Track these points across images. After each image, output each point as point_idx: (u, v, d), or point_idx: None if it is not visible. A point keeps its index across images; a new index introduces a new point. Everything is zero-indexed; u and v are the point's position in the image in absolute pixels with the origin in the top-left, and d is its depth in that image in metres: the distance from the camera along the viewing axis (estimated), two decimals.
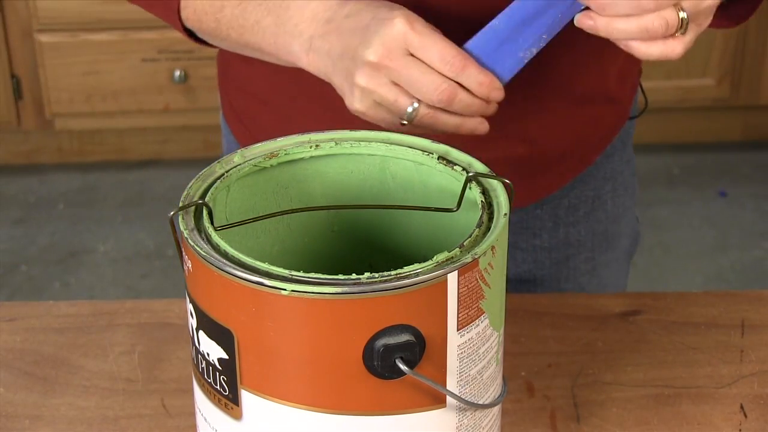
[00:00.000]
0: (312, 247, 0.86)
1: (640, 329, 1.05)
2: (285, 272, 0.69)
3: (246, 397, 0.73)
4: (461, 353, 0.73)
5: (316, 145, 0.82)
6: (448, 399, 0.73)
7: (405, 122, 0.88)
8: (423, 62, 0.86)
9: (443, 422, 0.74)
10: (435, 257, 0.70)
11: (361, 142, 0.83)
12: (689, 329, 1.05)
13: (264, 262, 0.70)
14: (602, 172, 1.16)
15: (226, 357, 0.72)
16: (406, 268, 0.69)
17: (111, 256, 2.65)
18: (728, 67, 2.85)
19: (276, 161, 0.81)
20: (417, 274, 0.69)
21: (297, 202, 0.84)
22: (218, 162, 0.80)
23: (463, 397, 0.74)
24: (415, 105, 0.87)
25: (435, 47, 0.85)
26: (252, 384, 0.72)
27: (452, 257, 0.71)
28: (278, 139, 0.83)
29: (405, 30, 0.86)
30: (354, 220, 0.86)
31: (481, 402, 0.76)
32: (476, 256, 0.71)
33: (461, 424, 0.75)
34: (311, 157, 0.82)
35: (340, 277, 0.68)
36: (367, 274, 0.68)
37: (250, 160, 0.81)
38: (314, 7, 0.91)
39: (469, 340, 0.73)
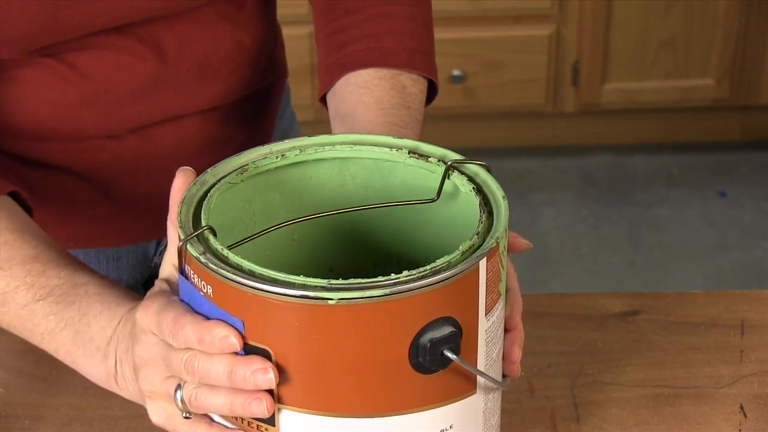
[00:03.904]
0: (276, 260, 0.83)
1: (640, 329, 1.05)
2: (324, 282, 0.67)
3: (285, 416, 0.72)
4: (487, 337, 0.74)
5: (282, 155, 0.81)
6: (478, 383, 0.74)
7: (186, 415, 0.76)
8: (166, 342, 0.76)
9: (475, 407, 0.75)
10: (460, 246, 0.70)
11: (325, 147, 0.81)
12: (689, 329, 1.05)
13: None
14: None
15: None
16: (438, 261, 0.69)
17: None
18: (728, 67, 2.85)
19: (246, 176, 0.79)
20: (453, 266, 0.69)
21: (260, 215, 0.82)
22: (194, 184, 0.78)
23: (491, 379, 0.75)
24: (180, 390, 0.75)
25: (161, 320, 0.75)
26: (292, 401, 0.71)
27: (473, 245, 0.71)
28: (243, 153, 0.80)
29: (144, 318, 0.76)
30: (316, 226, 0.84)
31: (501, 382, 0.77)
32: (499, 240, 0.72)
33: (486, 408, 0.76)
34: (276, 167, 0.81)
35: (380, 279, 0.68)
36: (405, 273, 0.68)
37: (224, 177, 0.79)
38: (114, 328, 0.82)
39: (492, 323, 0.74)
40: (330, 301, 0.67)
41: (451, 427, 0.73)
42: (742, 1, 2.77)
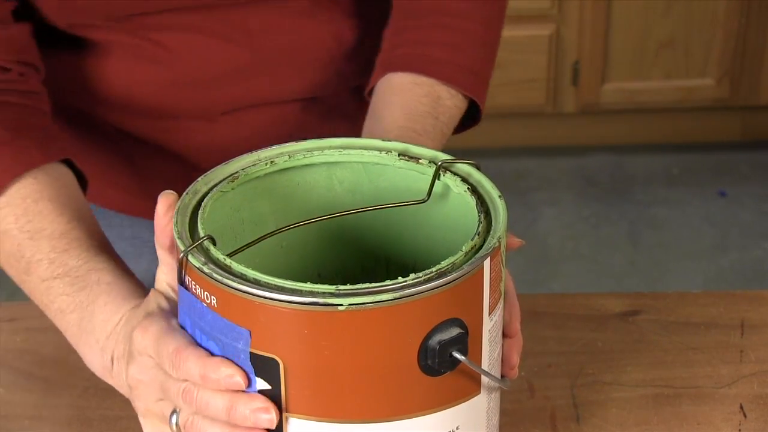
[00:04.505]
0: (265, 267, 0.82)
1: (640, 329, 1.05)
2: (332, 288, 0.67)
3: (293, 424, 0.71)
4: (490, 337, 0.73)
5: (271, 161, 0.80)
6: (483, 384, 0.74)
7: None
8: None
9: (480, 407, 0.75)
10: (463, 248, 0.70)
11: (314, 151, 0.81)
12: (689, 329, 1.05)
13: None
14: None
15: (269, 387, 0.70)
16: (443, 263, 0.69)
17: None
18: (728, 67, 2.85)
19: (236, 183, 0.79)
20: (458, 267, 0.69)
21: (249, 223, 0.81)
22: (186, 194, 0.77)
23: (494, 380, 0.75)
24: (176, 414, 0.74)
25: (161, 349, 0.74)
26: (300, 409, 0.71)
27: (475, 246, 0.71)
28: (232, 161, 0.80)
29: (141, 340, 0.75)
30: (303, 231, 0.83)
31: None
32: (500, 240, 0.72)
33: (489, 407, 0.76)
34: (266, 174, 0.80)
35: (388, 283, 0.67)
36: (412, 275, 0.68)
37: (216, 185, 0.78)
38: (115, 323, 0.82)
39: (495, 323, 0.74)
40: (340, 307, 0.66)
41: (457, 428, 0.73)
42: (742, 1, 2.77)
